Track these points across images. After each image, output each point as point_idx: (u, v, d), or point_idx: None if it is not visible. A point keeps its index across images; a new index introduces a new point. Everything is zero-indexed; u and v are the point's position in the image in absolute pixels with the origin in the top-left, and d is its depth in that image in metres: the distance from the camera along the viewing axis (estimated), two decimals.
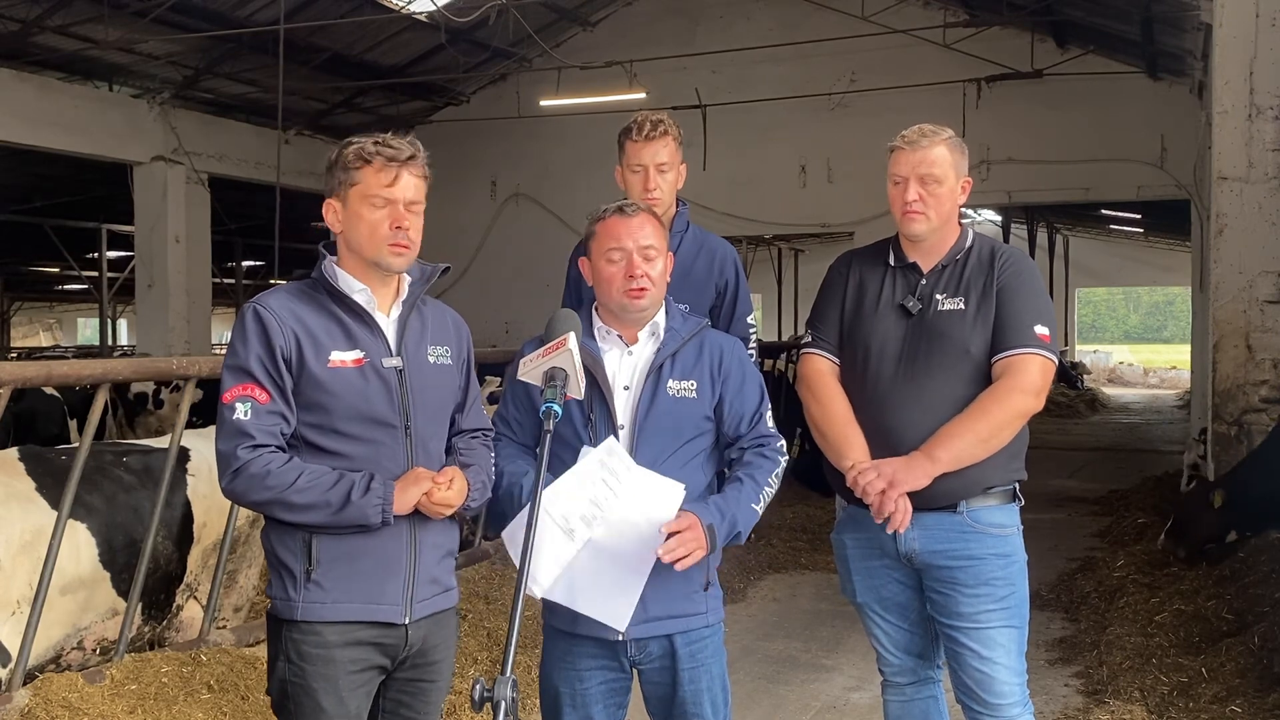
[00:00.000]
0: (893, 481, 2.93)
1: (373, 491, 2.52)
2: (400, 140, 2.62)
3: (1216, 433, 7.60)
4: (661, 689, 2.93)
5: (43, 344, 40.66)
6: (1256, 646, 4.91)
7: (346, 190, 2.60)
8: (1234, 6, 7.65)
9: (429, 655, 2.71)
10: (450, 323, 2.83)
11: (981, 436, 2.97)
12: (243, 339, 2.56)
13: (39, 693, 3.78)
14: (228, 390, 2.54)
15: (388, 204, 2.58)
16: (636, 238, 2.86)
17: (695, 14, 16.53)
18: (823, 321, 3.30)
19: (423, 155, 2.64)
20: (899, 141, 3.12)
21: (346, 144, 2.63)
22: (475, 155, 17.41)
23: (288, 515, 2.53)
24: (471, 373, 2.86)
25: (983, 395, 3.01)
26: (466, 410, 2.83)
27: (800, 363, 3.34)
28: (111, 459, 4.49)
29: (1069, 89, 14.56)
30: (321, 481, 2.51)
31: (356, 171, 2.58)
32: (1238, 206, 7.60)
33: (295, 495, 2.49)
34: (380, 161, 2.57)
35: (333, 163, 2.63)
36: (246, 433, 2.50)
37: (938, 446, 2.97)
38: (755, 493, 2.86)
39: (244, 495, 2.54)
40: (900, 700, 3.33)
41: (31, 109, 13.38)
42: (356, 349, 2.59)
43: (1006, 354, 3.03)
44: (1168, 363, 35.65)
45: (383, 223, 2.57)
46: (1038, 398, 3.03)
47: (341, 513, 2.51)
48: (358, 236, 2.60)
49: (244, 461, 2.49)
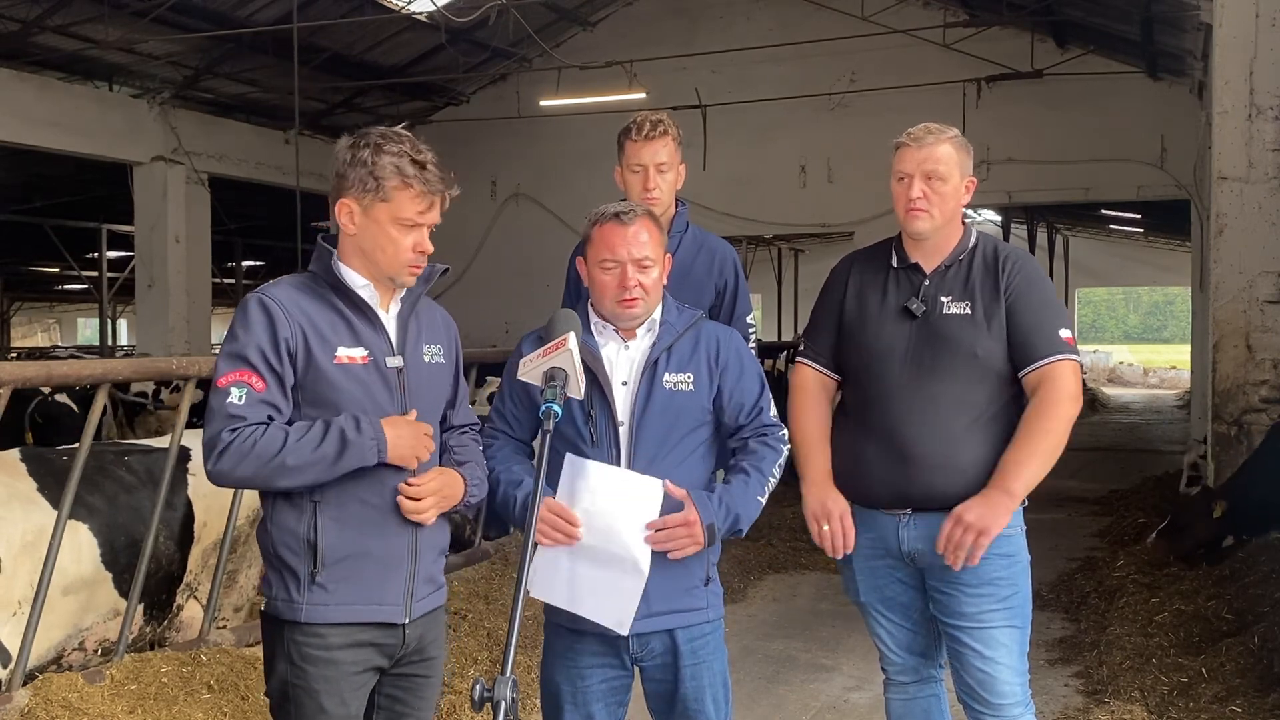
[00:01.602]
0: (984, 530, 2.96)
1: (364, 431, 2.47)
2: (434, 162, 2.55)
3: (1216, 433, 7.60)
4: (663, 686, 2.94)
5: (42, 344, 40.65)
6: (1256, 646, 4.91)
7: (374, 202, 2.52)
8: (1234, 6, 7.65)
9: (424, 652, 2.72)
10: (441, 321, 2.82)
11: (1047, 456, 3.02)
12: (245, 327, 2.50)
13: (39, 693, 3.78)
14: (223, 375, 2.46)
15: (416, 229, 2.55)
16: (631, 249, 2.86)
17: (695, 14, 16.53)
18: (816, 331, 3.32)
19: (454, 181, 2.59)
20: (905, 138, 3.11)
21: (376, 147, 2.52)
22: (475, 155, 17.42)
23: (285, 482, 2.46)
24: (461, 370, 2.86)
25: (1031, 414, 3.02)
26: (458, 407, 2.85)
27: (791, 370, 3.36)
28: (113, 459, 4.49)
29: (1069, 89, 14.56)
30: (310, 437, 2.45)
31: (392, 189, 2.51)
32: (1238, 206, 7.60)
33: (290, 458, 2.42)
34: (420, 188, 2.52)
35: (356, 161, 2.52)
36: (238, 416, 2.43)
37: (1011, 479, 2.99)
38: (760, 484, 2.87)
39: (230, 473, 2.44)
40: (903, 699, 3.33)
41: (31, 109, 13.38)
42: (361, 346, 2.57)
43: (1039, 365, 3.03)
44: (1168, 363, 35.63)
45: (406, 245, 2.55)
46: (1078, 401, 3.06)
47: (339, 461, 2.46)
48: (376, 250, 2.56)
49: (227, 442, 2.42)
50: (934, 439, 3.03)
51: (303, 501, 2.54)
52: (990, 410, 3.06)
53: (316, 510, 2.54)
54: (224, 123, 16.21)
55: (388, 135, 2.56)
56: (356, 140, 2.57)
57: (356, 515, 2.56)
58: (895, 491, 3.09)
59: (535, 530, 2.34)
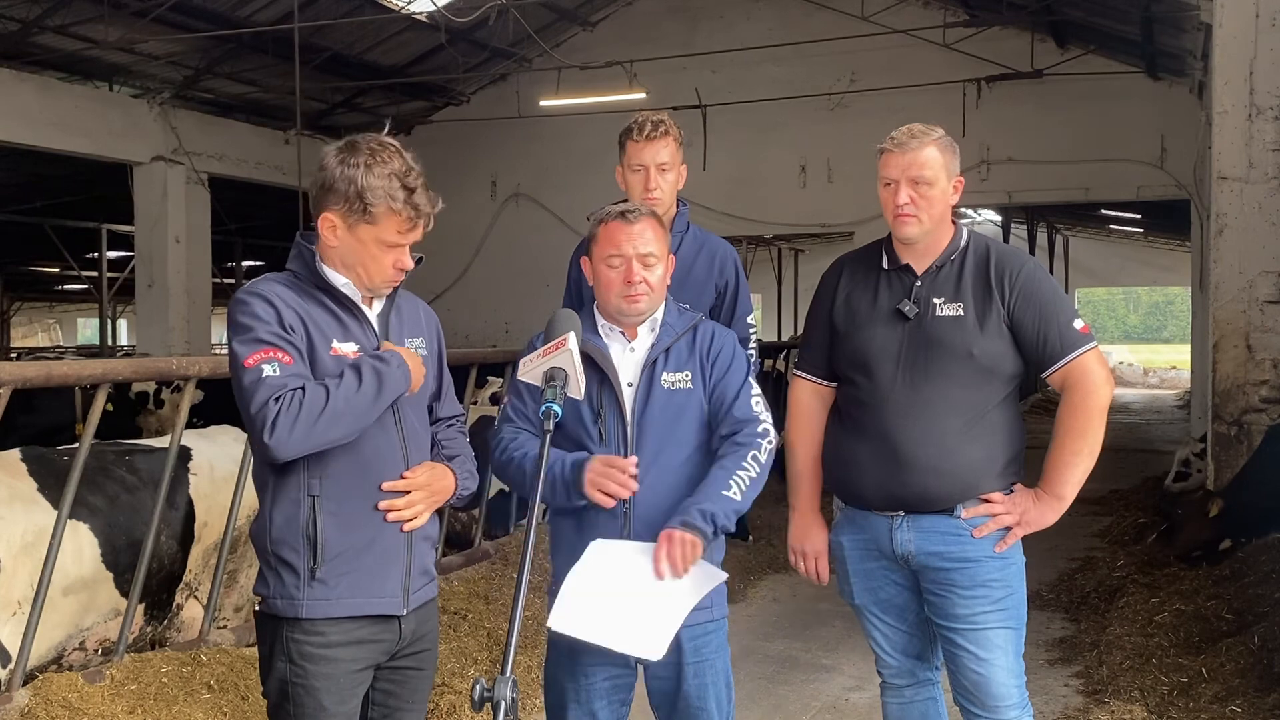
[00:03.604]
0: (1023, 521, 3.05)
1: (389, 361, 2.52)
2: (423, 185, 2.56)
3: (1216, 433, 7.60)
4: (666, 684, 2.95)
5: (43, 344, 40.64)
6: (1256, 646, 4.91)
7: (359, 223, 2.52)
8: (1234, 6, 7.65)
9: (418, 645, 2.74)
10: (422, 314, 2.84)
11: (1089, 455, 3.05)
12: (251, 315, 2.51)
13: (39, 693, 3.78)
14: (249, 356, 2.45)
15: (398, 248, 2.58)
16: (636, 244, 2.91)
17: (695, 14, 16.53)
18: (808, 342, 3.34)
19: (439, 202, 2.61)
20: (888, 143, 3.09)
21: (366, 166, 2.50)
22: (475, 155, 17.42)
23: (337, 431, 2.45)
24: (444, 362, 2.87)
25: (1065, 413, 3.05)
26: (443, 398, 2.87)
27: (790, 383, 3.38)
28: (113, 459, 4.49)
29: (1069, 89, 14.56)
30: (347, 381, 2.46)
31: (379, 214, 2.51)
32: (1238, 206, 7.60)
33: (339, 403, 2.43)
34: (409, 214, 2.53)
35: (344, 178, 2.51)
36: (279, 384, 2.42)
37: (1059, 483, 3.05)
38: (725, 479, 2.86)
39: (288, 439, 2.41)
40: (899, 702, 3.33)
41: (31, 109, 13.39)
42: (351, 341, 2.60)
43: (1062, 363, 3.04)
44: (1168, 363, 35.64)
45: (388, 262, 2.58)
46: (1109, 384, 3.09)
47: (380, 397, 2.50)
48: (357, 265, 2.58)
49: (275, 411, 2.40)
50: (927, 442, 3.02)
51: (301, 497, 2.55)
52: (984, 411, 3.05)
53: (316, 506, 2.55)
54: (224, 123, 16.21)
55: (377, 151, 2.53)
56: (346, 152, 2.54)
57: (355, 510, 2.58)
58: (888, 494, 3.09)
59: (534, 534, 2.33)
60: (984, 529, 3.04)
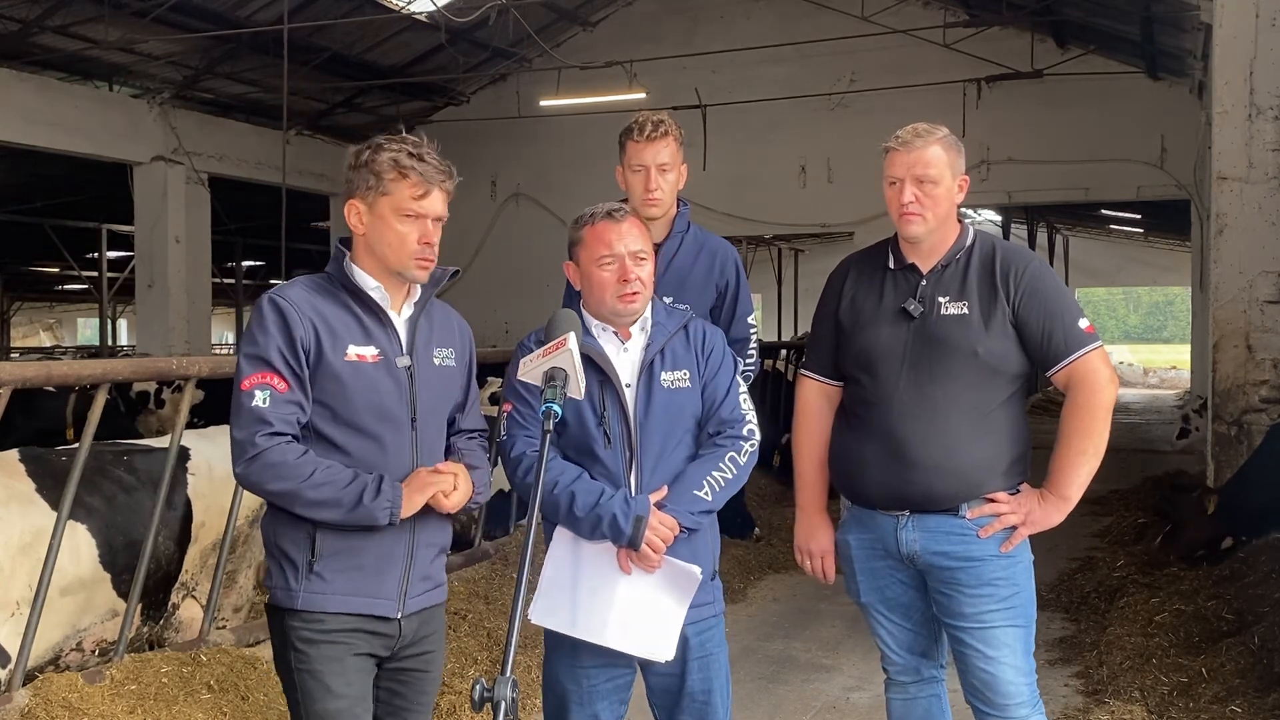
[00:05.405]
0: (1028, 521, 3.04)
1: (383, 494, 2.56)
2: (434, 155, 2.64)
3: (1216, 433, 7.60)
4: (669, 680, 2.96)
5: (43, 344, 40.64)
6: (1256, 646, 4.91)
7: (376, 197, 2.61)
8: (1234, 6, 7.65)
9: (421, 646, 2.76)
10: (455, 325, 2.88)
11: (1094, 455, 3.04)
12: (262, 329, 2.58)
13: (39, 693, 3.77)
14: (246, 378, 2.54)
15: (418, 218, 2.62)
16: (627, 243, 2.93)
17: (695, 14, 16.54)
18: (815, 342, 3.35)
19: (453, 174, 2.68)
20: (893, 142, 3.09)
21: (376, 147, 2.63)
22: (475, 155, 17.42)
23: (300, 509, 2.55)
24: (473, 375, 2.89)
25: (1070, 413, 3.05)
26: (467, 411, 2.88)
27: (797, 382, 3.38)
28: (112, 459, 4.48)
29: (1069, 89, 14.57)
30: (337, 479, 2.54)
31: (390, 182, 2.60)
32: (1238, 206, 7.60)
33: (310, 490, 2.52)
34: (416, 177, 2.60)
35: (360, 164, 2.63)
36: (265, 420, 2.51)
37: (1064, 484, 3.03)
38: (699, 479, 2.90)
39: (258, 483, 2.54)
40: (903, 699, 3.33)
41: (31, 109, 13.40)
42: (372, 345, 2.63)
43: (1067, 362, 3.03)
44: (1168, 363, 35.65)
45: (411, 236, 2.62)
46: (1113, 383, 3.10)
47: (352, 512, 2.55)
48: (383, 244, 2.63)
49: (261, 449, 2.50)
50: (933, 441, 3.02)
51: None
52: (989, 411, 3.05)
53: None
54: (224, 123, 16.22)
55: (390, 137, 2.66)
56: (362, 147, 2.67)
57: None
58: (894, 493, 3.09)
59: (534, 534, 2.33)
60: (989, 529, 3.04)
